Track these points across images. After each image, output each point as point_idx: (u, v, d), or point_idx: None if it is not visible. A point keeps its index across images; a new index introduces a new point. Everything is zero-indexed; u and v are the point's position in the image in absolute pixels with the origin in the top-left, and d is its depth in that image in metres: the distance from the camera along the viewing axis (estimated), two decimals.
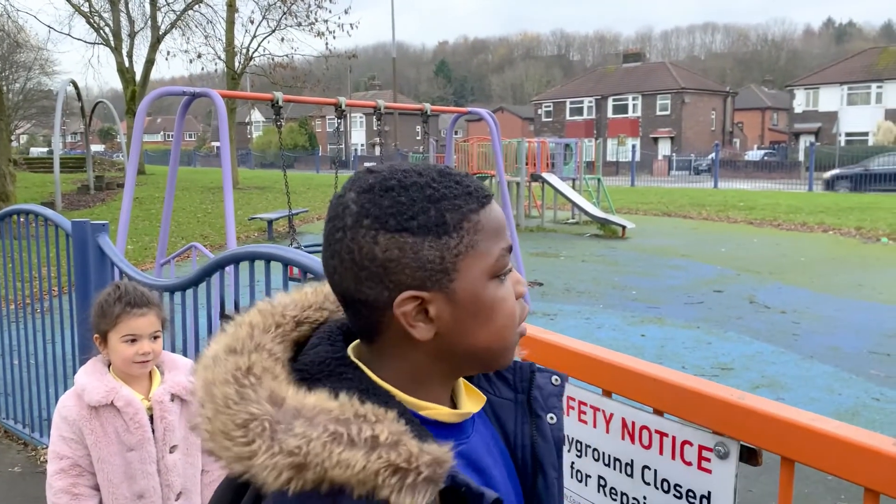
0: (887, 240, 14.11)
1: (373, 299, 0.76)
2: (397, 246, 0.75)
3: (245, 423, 0.70)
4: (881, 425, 4.91)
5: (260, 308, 0.86)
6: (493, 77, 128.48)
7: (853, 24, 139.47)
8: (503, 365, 0.86)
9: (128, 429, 2.02)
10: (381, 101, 6.82)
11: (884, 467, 0.90)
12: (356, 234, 0.75)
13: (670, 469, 1.21)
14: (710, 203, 21.19)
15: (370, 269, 0.75)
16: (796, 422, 1.00)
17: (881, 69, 48.00)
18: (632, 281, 10.10)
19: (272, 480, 0.68)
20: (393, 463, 0.68)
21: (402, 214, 0.75)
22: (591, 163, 20.65)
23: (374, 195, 0.76)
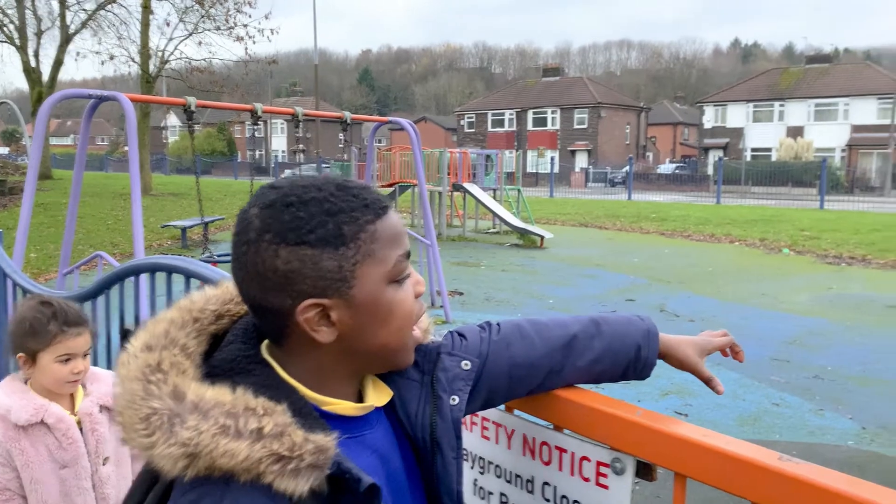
0: (788, 251, 14.85)
1: (277, 307, 0.83)
2: (297, 258, 0.81)
3: (147, 416, 0.77)
4: (780, 429, 5.13)
5: (180, 304, 0.93)
6: (416, 87, 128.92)
7: (758, 46, 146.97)
8: (404, 362, 0.96)
9: (61, 445, 1.94)
10: (299, 109, 6.71)
11: (767, 481, 0.92)
12: (259, 247, 0.82)
13: (569, 485, 1.21)
14: (625, 214, 21.83)
15: (273, 280, 0.82)
16: (686, 438, 1.02)
17: (783, 89, 50.71)
18: (549, 290, 10.27)
19: (169, 468, 0.76)
20: (275, 452, 0.75)
21: (300, 229, 0.82)
22: (512, 174, 20.96)
23: (275, 211, 0.82)
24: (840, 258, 13.76)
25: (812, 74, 50.83)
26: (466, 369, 1.05)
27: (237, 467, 0.75)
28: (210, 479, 0.75)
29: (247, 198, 3.80)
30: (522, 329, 1.16)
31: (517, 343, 1.13)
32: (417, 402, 1.00)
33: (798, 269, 12.66)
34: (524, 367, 1.13)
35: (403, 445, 0.98)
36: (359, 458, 0.86)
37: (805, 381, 6.21)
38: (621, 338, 1.18)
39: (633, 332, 1.19)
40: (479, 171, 18.38)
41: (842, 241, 15.58)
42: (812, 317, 8.80)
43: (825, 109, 48.38)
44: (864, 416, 5.32)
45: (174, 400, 0.78)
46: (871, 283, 11.30)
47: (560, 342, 1.15)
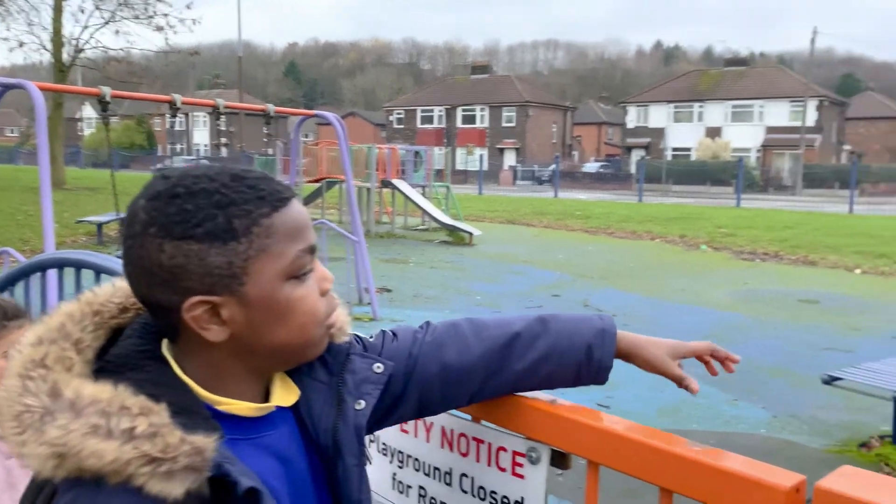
0: (706, 247, 15.40)
1: (165, 304, 0.79)
2: (183, 253, 0.77)
3: (19, 414, 0.74)
4: (698, 419, 5.31)
5: (83, 297, 0.88)
6: (344, 81, 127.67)
7: (679, 48, 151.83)
8: (309, 359, 0.91)
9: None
10: (220, 101, 6.54)
11: (677, 468, 0.95)
12: (144, 241, 0.78)
13: (486, 476, 1.22)
14: (551, 212, 22.20)
15: (159, 275, 0.78)
16: (599, 427, 1.04)
17: (702, 90, 52.56)
18: (477, 286, 10.34)
19: (38, 468, 0.73)
20: (146, 453, 0.72)
21: (186, 222, 0.77)
22: (441, 171, 21.02)
23: (160, 202, 0.78)
24: (755, 254, 14.35)
25: (729, 77, 52.87)
26: (378, 372, 1.00)
27: (105, 469, 0.71)
28: (81, 481, 0.72)
29: None
30: (459, 329, 1.11)
31: (451, 344, 1.08)
32: (322, 404, 0.95)
33: (715, 265, 13.14)
34: (457, 370, 1.07)
35: (310, 449, 0.94)
36: (254, 460, 0.82)
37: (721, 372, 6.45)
38: (569, 337, 1.11)
39: (584, 331, 1.12)
40: (409, 168, 18.36)
41: (756, 238, 16.26)
42: (729, 311, 9.15)
43: (741, 111, 50.41)
44: (775, 405, 5.56)
45: (50, 397, 0.75)
46: (783, 278, 11.83)
47: (499, 342, 1.09)
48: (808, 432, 4.95)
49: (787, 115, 48.45)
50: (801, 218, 21.93)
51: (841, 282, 11.38)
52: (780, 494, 0.83)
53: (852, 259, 13.42)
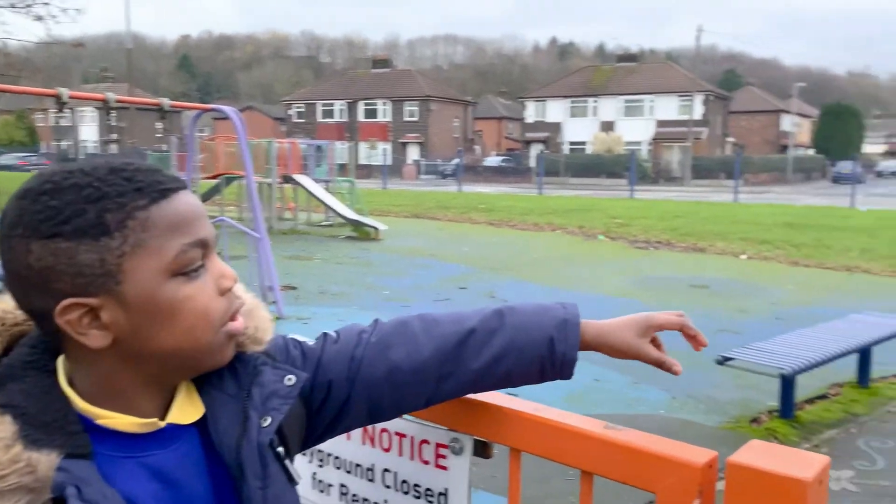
0: (603, 237, 15.94)
1: (42, 310, 0.74)
2: (51, 253, 0.72)
3: None
4: (602, 403, 5.50)
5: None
6: (240, 75, 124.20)
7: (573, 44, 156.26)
8: (212, 366, 0.84)
9: None
10: (110, 94, 6.22)
11: (598, 450, 0.98)
12: (11, 243, 0.73)
13: (409, 469, 1.22)
14: (455, 205, 22.41)
15: (30, 279, 0.73)
16: (520, 413, 1.06)
17: (596, 86, 54.34)
18: (384, 281, 10.31)
19: None
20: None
21: (53, 219, 0.72)
22: (344, 165, 20.80)
23: (27, 201, 0.73)
24: (648, 243, 14.97)
25: (621, 73, 54.88)
26: (289, 385, 0.90)
27: None
28: None
29: None
30: (408, 327, 1.05)
31: (399, 344, 1.02)
32: (229, 420, 0.86)
33: (613, 254, 13.63)
34: (406, 371, 1.00)
35: (219, 470, 0.85)
36: (133, 482, 0.76)
37: None
38: (528, 330, 1.03)
39: (544, 324, 1.04)
40: (311, 163, 18.06)
41: (649, 228, 16.98)
42: (627, 297, 9.50)
43: (633, 105, 52.46)
44: (673, 387, 5.82)
45: None
46: (675, 265, 12.40)
47: (452, 340, 1.02)
48: (704, 411, 5.22)
49: (675, 110, 50.81)
50: (690, 207, 23.08)
51: (728, 267, 12.03)
52: (696, 471, 0.88)
53: (738, 245, 14.22)
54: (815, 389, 5.53)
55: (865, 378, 5.58)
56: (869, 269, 11.57)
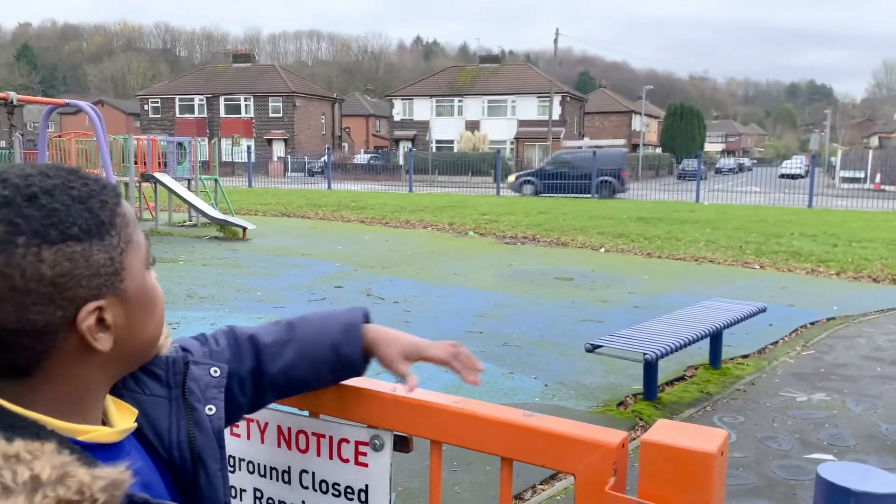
0: (473, 233, 16.32)
1: (42, 325, 0.69)
2: (66, 258, 0.69)
3: None
4: (480, 393, 5.65)
5: None
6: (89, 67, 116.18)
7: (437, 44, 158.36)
8: (154, 355, 0.88)
9: None
10: None
11: (517, 437, 1.04)
12: (12, 256, 0.67)
13: (328, 469, 1.23)
14: (326, 203, 22.14)
15: (38, 291, 0.68)
16: (440, 406, 1.10)
17: (461, 85, 55.37)
18: (256, 282, 10.05)
19: None
20: (63, 498, 0.61)
21: (62, 222, 0.69)
22: (207, 163, 20.01)
23: (16, 208, 0.68)
24: (515, 238, 15.49)
25: (485, 73, 56.23)
26: (216, 376, 0.98)
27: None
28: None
29: None
30: (228, 338, 1.12)
31: (231, 357, 1.09)
32: (168, 418, 0.90)
33: (482, 250, 13.99)
34: (243, 378, 1.09)
35: (159, 469, 0.88)
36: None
37: (496, 348, 6.91)
38: (316, 338, 1.13)
39: (330, 330, 1.14)
40: (171, 160, 17.24)
41: (516, 224, 17.56)
42: (497, 291, 9.79)
43: (496, 105, 53.91)
44: (545, 375, 6.08)
45: None
46: (541, 258, 12.91)
47: (252, 354, 1.11)
48: (575, 396, 5.50)
49: (535, 110, 52.72)
50: (552, 204, 24.07)
51: (590, 260, 12.68)
52: (611, 450, 0.96)
53: (597, 239, 15.01)
54: (672, 372, 5.97)
55: (717, 360, 6.08)
56: (714, 259, 12.57)
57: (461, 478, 3.94)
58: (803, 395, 5.49)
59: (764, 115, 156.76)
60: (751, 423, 4.91)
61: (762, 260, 12.43)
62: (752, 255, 12.94)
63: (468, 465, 4.06)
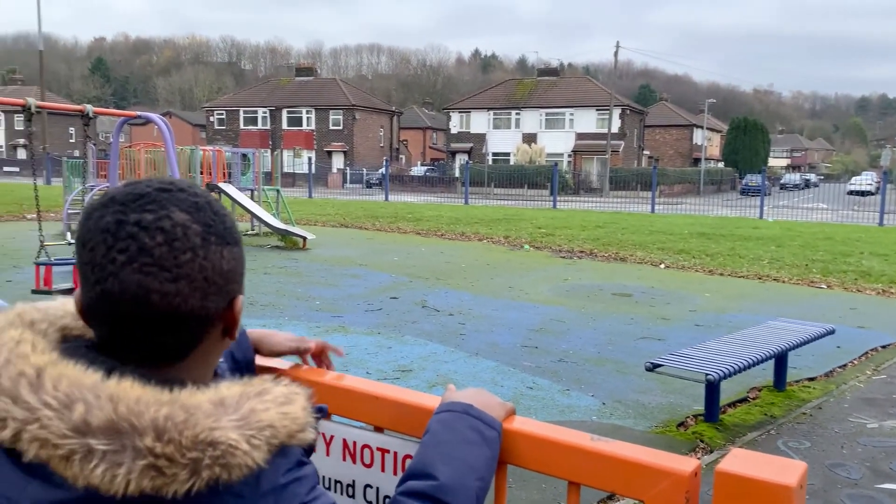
0: (528, 247, 16.24)
1: (213, 311, 0.82)
2: (234, 258, 0.84)
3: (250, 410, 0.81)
4: (535, 411, 5.60)
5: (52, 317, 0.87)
6: (158, 80, 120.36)
7: (496, 57, 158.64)
8: None
9: None
10: (31, 99, 5.96)
11: (581, 460, 1.03)
12: (208, 252, 0.80)
13: (393, 485, 1.24)
14: (383, 215, 22.36)
15: (217, 283, 0.81)
16: (506, 428, 1.09)
17: (519, 98, 55.31)
18: (315, 291, 10.20)
19: (244, 449, 0.76)
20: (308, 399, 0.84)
21: (231, 228, 0.85)
22: (269, 174, 20.45)
23: (206, 214, 0.81)
24: (572, 252, 15.34)
25: (543, 86, 56.06)
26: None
27: (298, 432, 0.80)
28: (285, 450, 0.79)
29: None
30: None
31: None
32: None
33: (538, 264, 13.90)
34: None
35: None
36: None
37: (552, 364, 6.85)
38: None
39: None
40: (235, 171, 17.69)
41: (572, 237, 17.40)
42: (553, 306, 9.71)
43: (554, 118, 53.64)
44: (602, 393, 5.99)
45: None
46: (598, 273, 12.75)
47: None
48: (634, 416, 5.40)
49: (594, 123, 52.25)
50: (610, 218, 23.77)
51: (649, 276, 12.46)
52: (683, 479, 0.93)
53: (657, 255, 14.75)
54: (735, 393, 5.81)
55: (782, 382, 5.89)
56: (779, 278, 12.21)
57: (517, 495, 3.91)
58: (874, 422, 5.27)
59: (832, 130, 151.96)
60: (818, 449, 4.73)
61: (829, 279, 12.01)
62: (818, 274, 12.52)
63: (524, 483, 4.03)
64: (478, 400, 1.11)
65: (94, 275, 0.77)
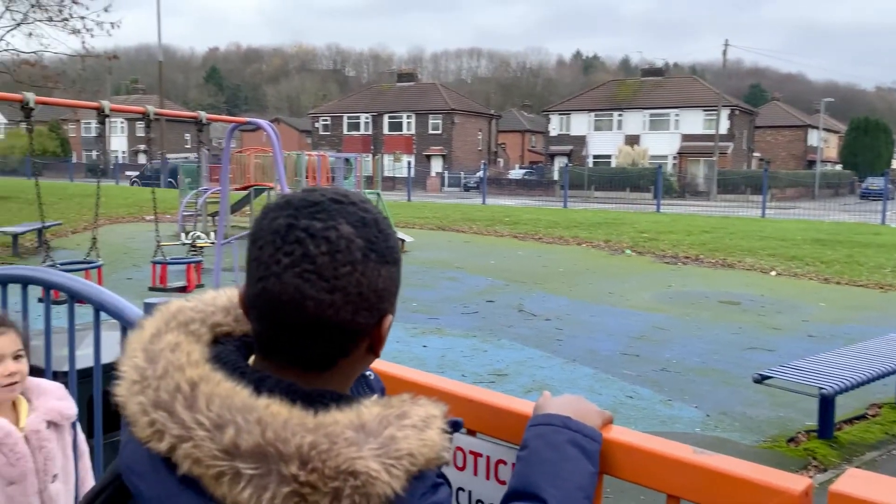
0: (630, 251, 15.86)
1: (362, 326, 0.83)
2: (390, 277, 0.84)
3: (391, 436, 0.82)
4: (635, 421, 5.46)
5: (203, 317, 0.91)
6: (267, 87, 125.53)
7: (598, 58, 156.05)
8: None
9: (8, 461, 1.83)
10: (150, 108, 6.34)
11: (683, 474, 0.98)
12: (366, 268, 0.81)
13: (485, 489, 1.23)
14: (480, 218, 22.40)
15: (370, 299, 0.82)
16: (606, 437, 1.06)
17: (621, 100, 54.16)
18: (412, 293, 10.34)
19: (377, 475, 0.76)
20: (445, 434, 0.83)
21: (395, 250, 0.86)
22: (370, 177, 20.90)
23: (370, 230, 0.83)
24: (676, 258, 14.86)
25: (647, 86, 54.66)
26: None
27: (435, 457, 0.80)
28: (422, 476, 0.78)
29: (87, 200, 3.67)
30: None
31: None
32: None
33: (639, 269, 13.55)
34: None
35: None
36: None
37: (654, 373, 6.65)
38: None
39: None
40: (338, 175, 18.20)
41: (677, 242, 16.85)
42: (655, 313, 9.44)
43: (658, 119, 52.19)
44: (707, 404, 5.77)
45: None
46: (704, 280, 12.29)
47: None
48: (740, 429, 5.16)
49: (701, 124, 50.47)
50: (718, 222, 22.87)
51: (758, 283, 11.90)
52: (794, 499, 0.87)
53: (767, 261, 14.07)
54: (852, 410, 5.45)
55: None
56: None
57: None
58: None
59: None
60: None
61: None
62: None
63: (621, 493, 3.92)
64: (575, 409, 1.07)
65: (258, 272, 0.81)
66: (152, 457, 0.77)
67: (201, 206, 16.64)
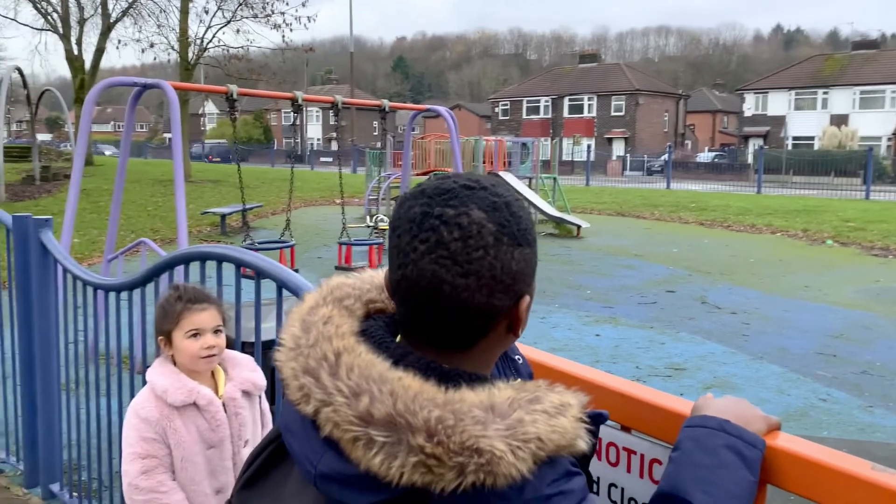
0: (832, 242, 14.52)
1: (498, 308, 0.84)
2: (524, 259, 0.85)
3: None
4: (828, 426, 5.01)
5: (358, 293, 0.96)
6: (450, 74, 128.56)
7: (801, 31, 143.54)
8: None
9: (210, 427, 2.06)
10: (338, 97, 6.72)
11: (857, 491, 0.88)
12: (499, 252, 0.82)
13: (638, 487, 1.18)
14: (663, 204, 21.52)
15: (504, 282, 0.83)
16: (772, 445, 0.97)
17: (827, 76, 49.46)
18: (586, 280, 10.18)
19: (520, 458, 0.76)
20: (580, 419, 0.81)
21: (527, 231, 0.86)
22: (547, 162, 20.77)
23: (502, 214, 0.84)
24: (887, 250, 13.40)
25: (858, 61, 49.45)
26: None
27: (568, 444, 0.79)
28: (552, 461, 0.78)
29: (284, 185, 3.95)
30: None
31: None
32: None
33: (843, 261, 12.39)
34: None
35: None
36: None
37: (853, 376, 6.07)
38: None
39: None
40: (515, 160, 18.26)
41: (889, 233, 15.16)
42: (858, 310, 8.60)
43: (871, 97, 47.09)
44: None
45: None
46: None
47: None
48: None
49: None
50: None
51: None
52: None
53: None
54: None
55: None
56: None
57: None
58: None
59: None
60: None
61: None
62: None
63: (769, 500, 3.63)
64: (736, 412, 0.99)
65: (398, 259, 0.84)
66: (303, 418, 0.83)
67: (385, 191, 17.43)
